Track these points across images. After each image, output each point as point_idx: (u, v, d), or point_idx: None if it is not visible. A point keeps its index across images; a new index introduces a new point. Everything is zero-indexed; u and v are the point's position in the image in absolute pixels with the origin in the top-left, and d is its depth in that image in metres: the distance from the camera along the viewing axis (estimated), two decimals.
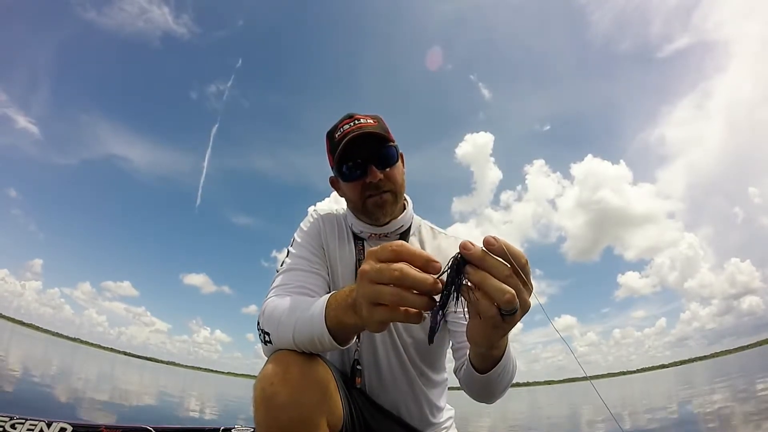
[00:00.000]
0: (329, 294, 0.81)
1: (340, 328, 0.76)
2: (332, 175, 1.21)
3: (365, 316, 0.64)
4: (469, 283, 0.58)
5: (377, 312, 0.61)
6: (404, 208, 1.24)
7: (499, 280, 0.57)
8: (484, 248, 0.57)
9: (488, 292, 0.57)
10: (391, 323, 1.13)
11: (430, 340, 0.61)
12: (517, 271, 0.57)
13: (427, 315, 0.61)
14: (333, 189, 1.25)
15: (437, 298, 0.60)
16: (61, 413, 3.67)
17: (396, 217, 1.20)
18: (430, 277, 0.58)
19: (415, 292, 0.58)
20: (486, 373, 0.89)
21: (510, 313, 0.58)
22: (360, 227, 1.20)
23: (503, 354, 0.86)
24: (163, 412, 5.74)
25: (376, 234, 1.19)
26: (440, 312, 0.60)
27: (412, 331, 1.16)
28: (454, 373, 1.17)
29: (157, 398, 8.06)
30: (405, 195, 1.23)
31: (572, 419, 7.26)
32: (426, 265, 0.58)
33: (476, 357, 0.90)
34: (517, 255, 0.57)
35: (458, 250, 0.58)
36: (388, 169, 1.12)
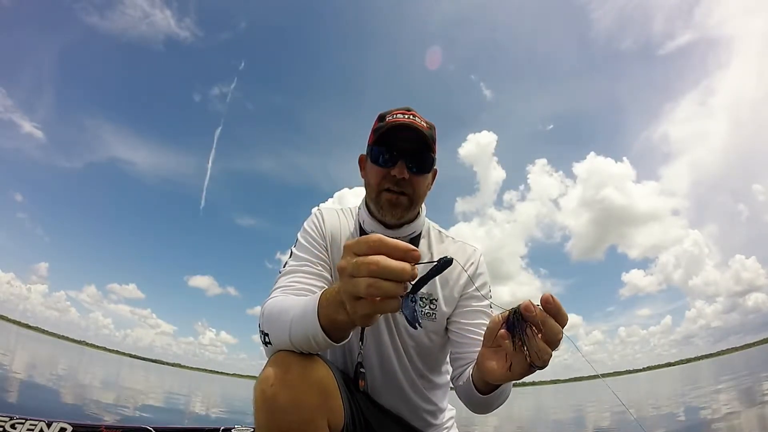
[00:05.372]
0: (321, 292, 0.79)
1: (332, 326, 0.75)
2: (363, 153, 1.19)
3: (350, 311, 0.65)
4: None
5: (359, 306, 0.62)
6: (419, 215, 1.22)
7: (547, 340, 0.66)
8: (541, 307, 0.65)
9: (533, 350, 0.66)
10: (393, 326, 1.15)
11: (413, 325, 0.63)
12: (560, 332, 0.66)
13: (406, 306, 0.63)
14: (358, 167, 1.23)
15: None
16: (65, 414, 3.68)
17: (410, 222, 1.18)
18: (407, 266, 0.59)
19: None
20: (487, 394, 0.95)
21: (539, 368, 0.69)
22: (372, 227, 1.17)
23: None
24: (167, 413, 5.77)
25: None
26: (411, 297, 0.62)
27: (415, 334, 1.15)
28: (452, 381, 1.17)
29: (162, 400, 8.09)
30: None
31: (578, 418, 7.22)
32: (405, 255, 0.59)
33: (480, 381, 0.94)
34: (565, 317, 0.66)
35: (517, 306, 0.67)
36: (415, 174, 1.10)
